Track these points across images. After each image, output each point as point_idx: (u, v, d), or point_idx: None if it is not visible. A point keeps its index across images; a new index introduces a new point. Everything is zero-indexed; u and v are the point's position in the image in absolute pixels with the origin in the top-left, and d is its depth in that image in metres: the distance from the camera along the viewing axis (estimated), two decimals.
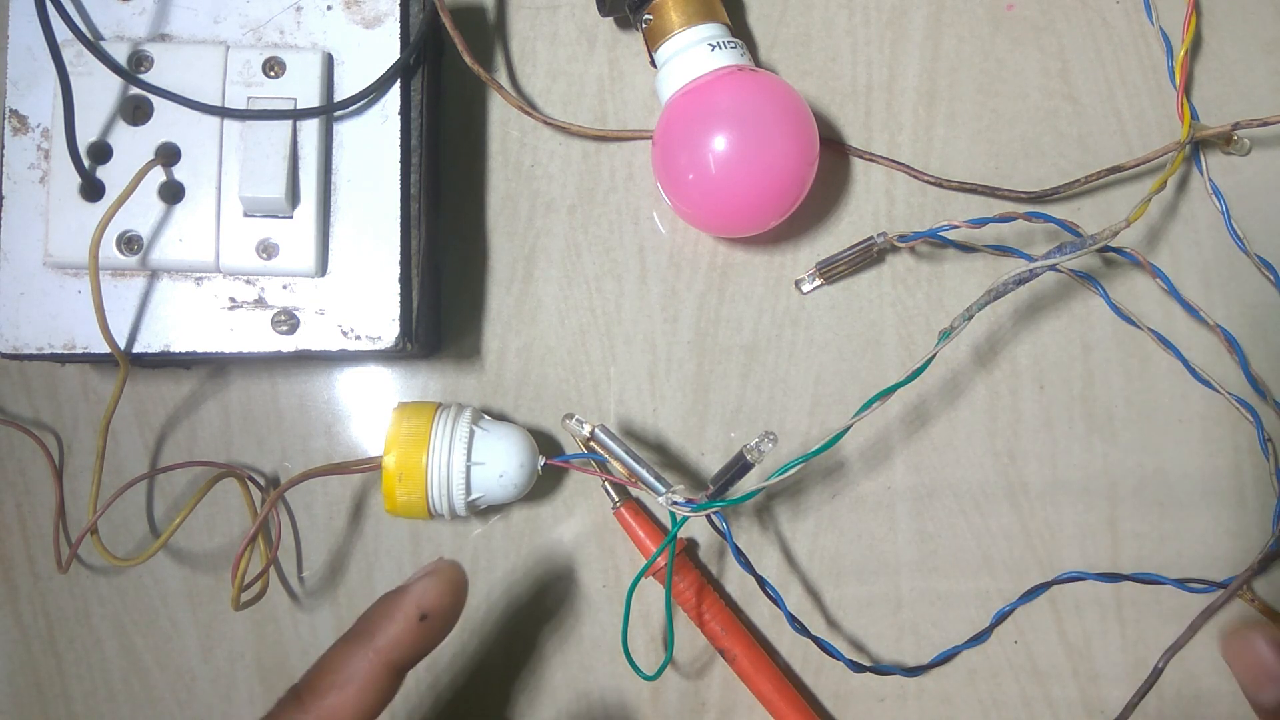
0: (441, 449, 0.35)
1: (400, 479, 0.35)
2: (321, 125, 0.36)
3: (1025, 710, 0.39)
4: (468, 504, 0.36)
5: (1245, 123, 0.38)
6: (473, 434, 0.36)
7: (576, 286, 0.41)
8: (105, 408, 0.35)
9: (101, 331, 0.34)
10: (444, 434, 0.35)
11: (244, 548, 0.34)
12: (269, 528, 0.40)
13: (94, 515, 0.36)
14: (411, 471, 0.35)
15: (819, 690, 0.39)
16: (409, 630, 0.29)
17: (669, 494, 0.33)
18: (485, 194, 0.41)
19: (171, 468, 0.40)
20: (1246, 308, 0.40)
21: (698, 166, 0.36)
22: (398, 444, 0.35)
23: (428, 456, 0.35)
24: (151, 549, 0.36)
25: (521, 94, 0.42)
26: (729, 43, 0.37)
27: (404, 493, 0.35)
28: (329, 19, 0.37)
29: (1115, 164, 0.39)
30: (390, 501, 0.35)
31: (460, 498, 0.35)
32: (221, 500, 0.41)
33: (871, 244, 0.39)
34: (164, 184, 0.35)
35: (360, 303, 0.36)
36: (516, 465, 0.36)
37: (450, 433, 0.35)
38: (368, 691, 0.28)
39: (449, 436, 0.35)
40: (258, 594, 0.37)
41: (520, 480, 0.36)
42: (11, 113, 0.36)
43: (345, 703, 0.28)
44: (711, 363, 0.40)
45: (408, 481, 0.35)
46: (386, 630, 0.29)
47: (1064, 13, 0.42)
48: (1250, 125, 0.38)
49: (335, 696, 0.28)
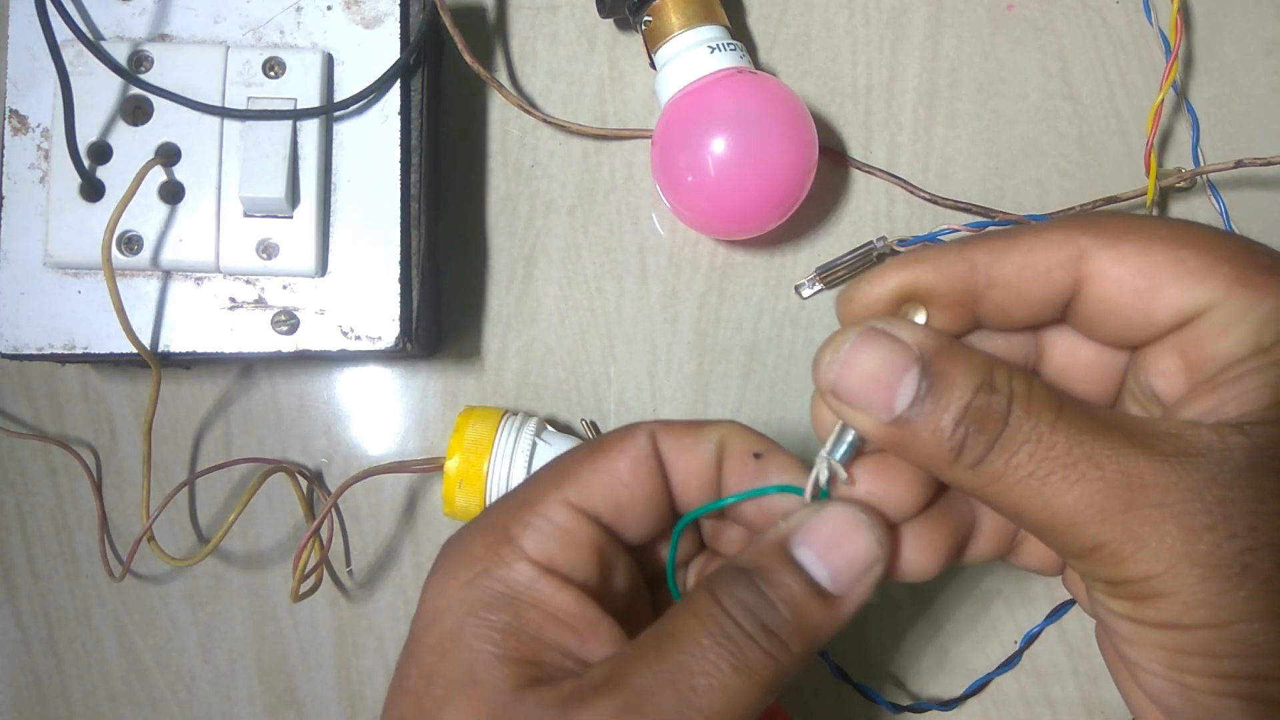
0: (504, 458, 0.36)
1: (461, 484, 0.36)
2: (321, 125, 0.36)
3: (1025, 710, 0.39)
4: None
5: (1250, 161, 0.38)
6: (535, 446, 0.36)
7: (576, 286, 0.41)
8: (143, 411, 0.36)
9: (125, 333, 0.34)
10: (507, 443, 0.36)
11: (306, 541, 0.36)
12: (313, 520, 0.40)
13: (147, 521, 0.37)
14: (473, 478, 0.36)
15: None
16: (743, 454, 0.26)
17: (829, 460, 0.26)
18: (485, 194, 0.41)
19: (217, 467, 0.40)
20: None
21: (697, 168, 0.36)
22: (462, 449, 0.36)
23: (489, 464, 0.36)
24: (207, 549, 0.37)
25: (521, 94, 0.42)
26: (729, 45, 0.37)
27: (463, 497, 0.36)
28: (329, 19, 0.37)
29: (1112, 194, 0.39)
30: (449, 505, 0.36)
31: None
32: (222, 500, 0.41)
33: (871, 249, 0.39)
34: (164, 184, 0.35)
35: (360, 303, 0.36)
36: None
37: (513, 442, 0.36)
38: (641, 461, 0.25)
39: (511, 446, 0.36)
40: (314, 586, 0.38)
41: None
42: (11, 113, 0.36)
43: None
44: (711, 363, 0.40)
45: (468, 487, 0.36)
46: (732, 431, 0.26)
47: (1064, 13, 0.42)
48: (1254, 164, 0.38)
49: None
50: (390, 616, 0.40)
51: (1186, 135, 0.41)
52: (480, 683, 0.23)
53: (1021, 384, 0.21)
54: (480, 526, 0.25)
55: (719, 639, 0.22)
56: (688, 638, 0.22)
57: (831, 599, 0.23)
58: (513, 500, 0.25)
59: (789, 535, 0.23)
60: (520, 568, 0.24)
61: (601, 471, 0.25)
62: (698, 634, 0.22)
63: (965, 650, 0.39)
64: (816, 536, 0.23)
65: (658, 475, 0.26)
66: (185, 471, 0.41)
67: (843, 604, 0.23)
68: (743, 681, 0.22)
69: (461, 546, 0.25)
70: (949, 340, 0.22)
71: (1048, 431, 0.20)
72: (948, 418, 0.21)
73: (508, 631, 0.23)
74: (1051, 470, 0.20)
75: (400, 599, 0.40)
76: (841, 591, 0.23)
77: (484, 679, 0.23)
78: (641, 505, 0.25)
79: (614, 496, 0.25)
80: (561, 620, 0.24)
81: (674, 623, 0.23)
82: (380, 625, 0.40)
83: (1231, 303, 0.20)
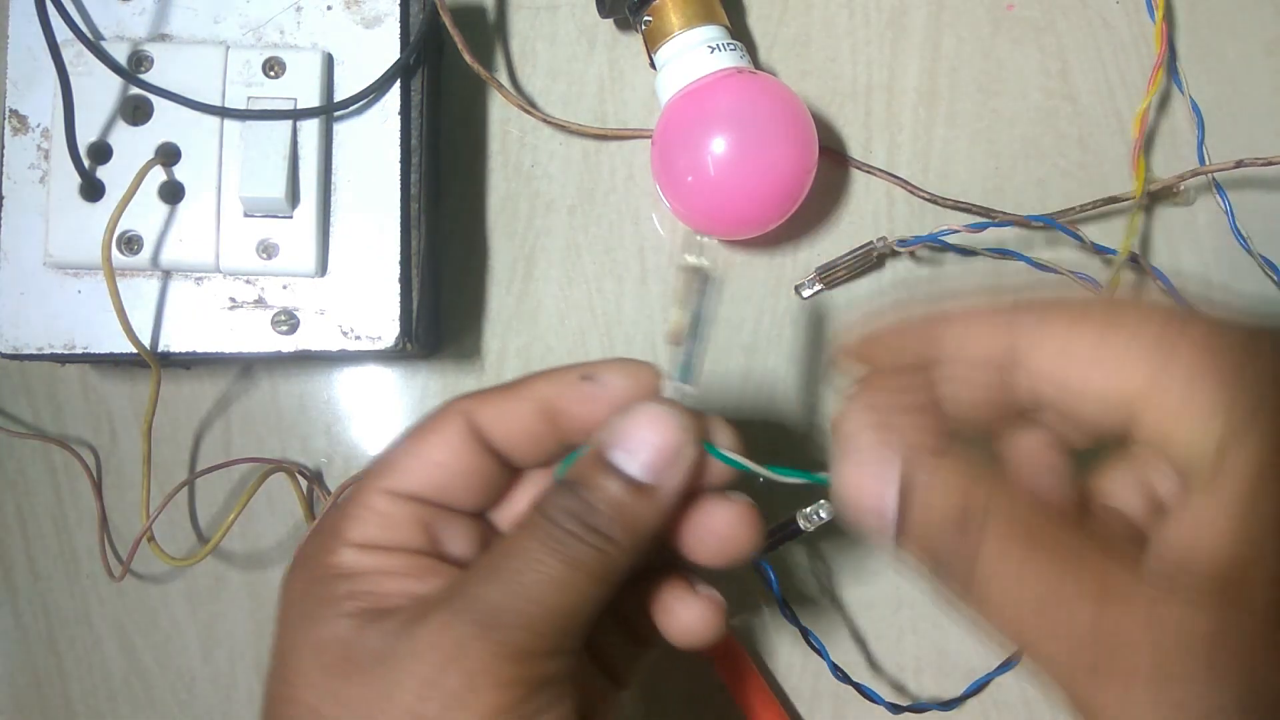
0: None
1: None
2: (321, 125, 0.36)
3: (1025, 710, 0.39)
4: None
5: (1250, 161, 0.38)
6: None
7: (576, 286, 0.41)
8: (143, 411, 0.36)
9: (125, 333, 0.34)
10: None
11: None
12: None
13: (147, 521, 0.37)
14: None
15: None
16: (571, 381, 0.27)
17: (677, 388, 0.27)
18: (485, 194, 0.41)
19: (217, 467, 0.40)
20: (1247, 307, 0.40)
21: (696, 169, 0.36)
22: None
23: None
24: (206, 548, 0.37)
25: (522, 94, 0.42)
26: (728, 45, 0.37)
27: None
28: (329, 19, 0.37)
29: (1112, 194, 0.39)
30: None
31: None
32: (220, 500, 0.41)
33: (871, 249, 0.39)
34: (164, 184, 0.35)
35: (360, 303, 0.36)
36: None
37: None
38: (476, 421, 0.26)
39: None
40: None
41: None
42: (11, 113, 0.36)
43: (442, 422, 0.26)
44: (711, 363, 0.40)
45: None
46: (551, 374, 0.27)
47: (1064, 13, 0.42)
48: (1255, 164, 0.38)
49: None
50: None
51: (1190, 134, 0.41)
52: (324, 638, 0.24)
53: (992, 516, 0.21)
54: (314, 532, 0.27)
55: (546, 543, 0.24)
56: (517, 548, 0.24)
57: (648, 489, 0.25)
58: (341, 505, 0.27)
59: (603, 443, 0.25)
60: (346, 552, 0.25)
61: (415, 456, 0.26)
62: (527, 543, 0.24)
63: (965, 650, 0.39)
64: (626, 436, 0.25)
65: (476, 447, 0.27)
66: (185, 471, 0.41)
67: (659, 492, 0.25)
68: (572, 573, 0.24)
69: (299, 553, 0.27)
70: (925, 458, 0.23)
71: (1015, 567, 0.21)
72: (919, 547, 0.22)
73: (346, 596, 0.25)
74: (1019, 611, 0.21)
75: None
76: (656, 480, 0.25)
77: (327, 634, 0.24)
78: (463, 478, 0.27)
79: (431, 477, 0.26)
80: (398, 574, 0.25)
81: (507, 542, 0.24)
82: None
83: (1164, 394, 0.20)
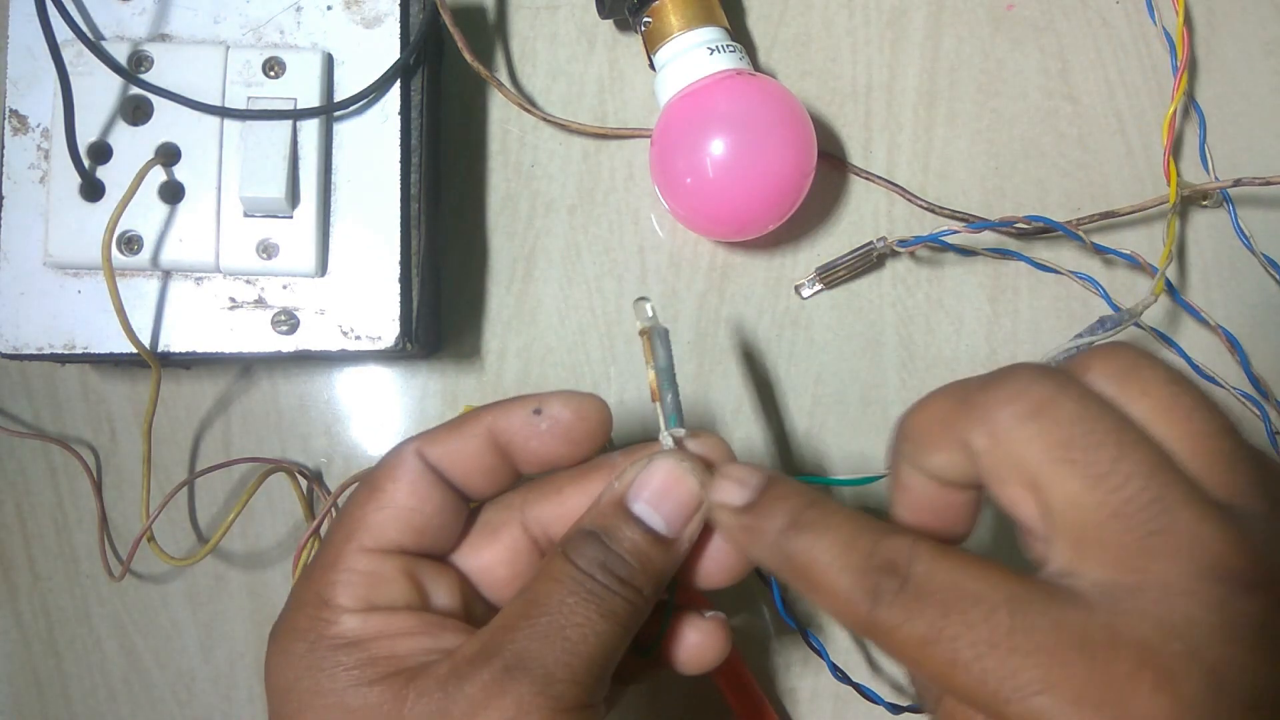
0: None
1: None
2: (321, 125, 0.36)
3: None
4: None
5: (1248, 180, 0.38)
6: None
7: (576, 286, 0.41)
8: (143, 411, 0.36)
9: (125, 333, 0.34)
10: None
11: (305, 541, 0.36)
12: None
13: (147, 521, 0.37)
14: None
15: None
16: (519, 416, 0.27)
17: (670, 436, 0.28)
18: (485, 194, 0.41)
19: (217, 467, 0.40)
20: (1247, 307, 0.40)
21: (695, 171, 0.36)
22: None
23: None
24: (206, 548, 0.37)
25: (522, 93, 0.42)
26: (728, 46, 0.37)
27: None
28: (329, 19, 0.37)
29: (1110, 209, 0.39)
30: None
31: None
32: (222, 500, 0.41)
33: (871, 249, 0.39)
34: (164, 184, 0.35)
35: (360, 303, 0.36)
36: None
37: None
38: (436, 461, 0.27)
39: None
40: None
41: None
42: (11, 113, 0.36)
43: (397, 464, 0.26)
44: (711, 363, 0.40)
45: None
46: (499, 408, 0.27)
47: (1064, 13, 0.42)
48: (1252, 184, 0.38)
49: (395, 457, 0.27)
50: None
51: (1191, 136, 0.41)
52: (353, 707, 0.24)
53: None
54: (296, 603, 0.26)
55: (582, 595, 0.24)
56: (552, 600, 0.24)
57: (668, 541, 0.26)
58: (316, 568, 0.26)
59: (623, 492, 0.26)
60: (346, 619, 0.25)
61: (385, 508, 0.26)
62: (562, 595, 0.24)
63: None
64: (647, 489, 0.26)
65: (438, 485, 0.27)
66: (185, 471, 0.41)
67: (678, 544, 0.26)
68: (609, 625, 0.24)
69: (286, 628, 0.26)
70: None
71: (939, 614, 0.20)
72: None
73: (364, 664, 0.24)
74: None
75: None
76: (675, 534, 0.26)
77: (356, 704, 0.24)
78: (435, 518, 0.27)
79: (405, 523, 0.26)
80: (408, 633, 0.25)
81: (535, 591, 0.25)
82: None
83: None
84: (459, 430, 0.27)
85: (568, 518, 0.27)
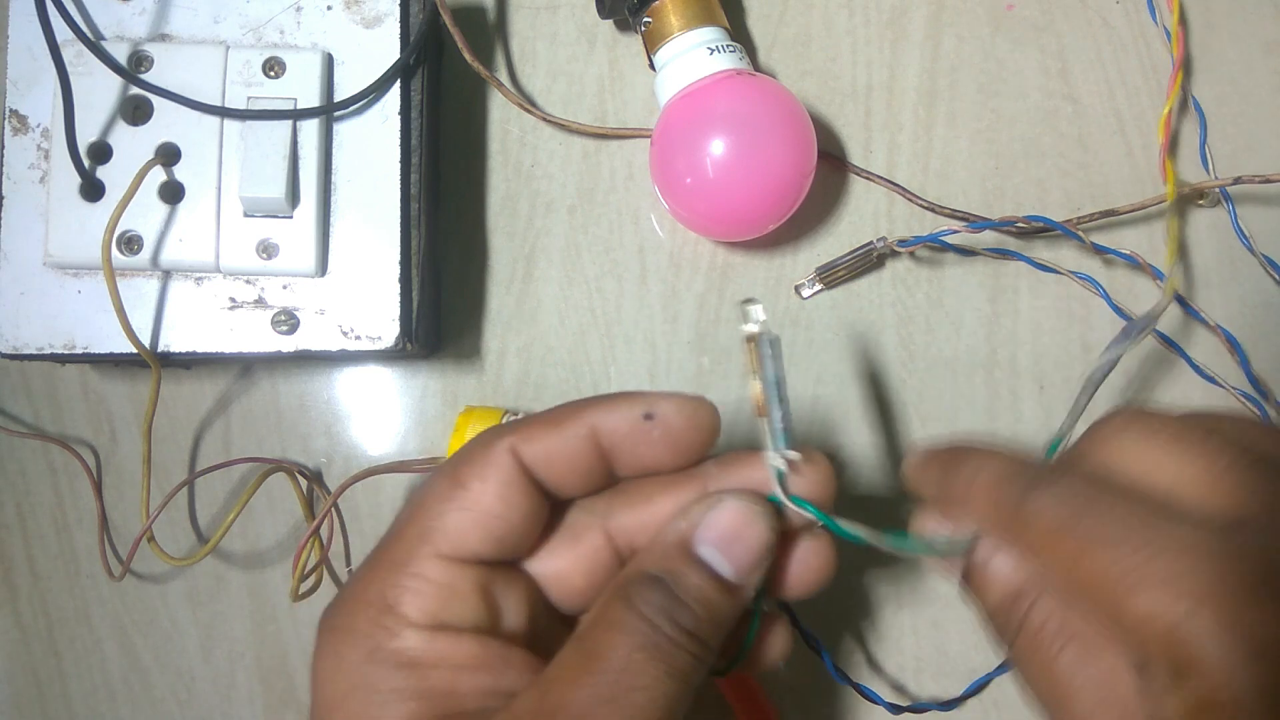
0: None
1: None
2: (321, 125, 0.36)
3: (1025, 711, 0.39)
4: None
5: (1247, 178, 0.38)
6: None
7: (576, 286, 0.41)
8: (143, 411, 0.36)
9: (125, 333, 0.34)
10: None
11: (305, 541, 0.36)
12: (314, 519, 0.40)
13: (147, 521, 0.37)
14: None
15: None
16: (628, 418, 0.25)
17: (776, 460, 0.26)
18: (485, 194, 0.41)
19: (217, 467, 0.40)
20: (1247, 307, 0.40)
21: (695, 171, 0.36)
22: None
23: None
24: (206, 548, 0.37)
25: (522, 93, 0.42)
26: (728, 46, 0.37)
27: None
28: (329, 19, 0.37)
29: (1110, 207, 0.39)
30: None
31: None
32: (222, 500, 0.41)
33: (871, 249, 0.39)
34: (164, 184, 0.35)
35: (360, 303, 0.36)
36: None
37: None
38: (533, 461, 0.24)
39: None
40: (314, 585, 0.38)
41: None
42: (11, 113, 0.36)
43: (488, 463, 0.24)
44: (711, 363, 0.40)
45: None
46: (605, 405, 0.25)
47: (1064, 13, 0.42)
48: (1252, 181, 0.38)
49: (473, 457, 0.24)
50: None
51: (1191, 136, 0.41)
52: None
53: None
54: (356, 600, 0.24)
55: (649, 651, 0.22)
56: (615, 653, 0.22)
57: (735, 589, 0.24)
58: (383, 563, 0.24)
59: (689, 534, 0.24)
60: (409, 635, 0.23)
61: (469, 511, 0.24)
62: (627, 648, 0.22)
63: (965, 650, 0.39)
64: (714, 532, 0.24)
65: (529, 489, 0.25)
66: (185, 471, 0.41)
67: (744, 591, 0.24)
68: (676, 685, 0.22)
69: (344, 625, 0.24)
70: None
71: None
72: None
73: (418, 696, 0.22)
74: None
75: None
76: (742, 581, 0.24)
77: None
78: (519, 528, 0.25)
79: (489, 531, 0.24)
80: (472, 666, 0.23)
81: (595, 640, 0.23)
82: None
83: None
84: (558, 427, 0.25)
85: (656, 528, 0.25)
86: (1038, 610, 0.23)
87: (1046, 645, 0.22)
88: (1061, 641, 0.22)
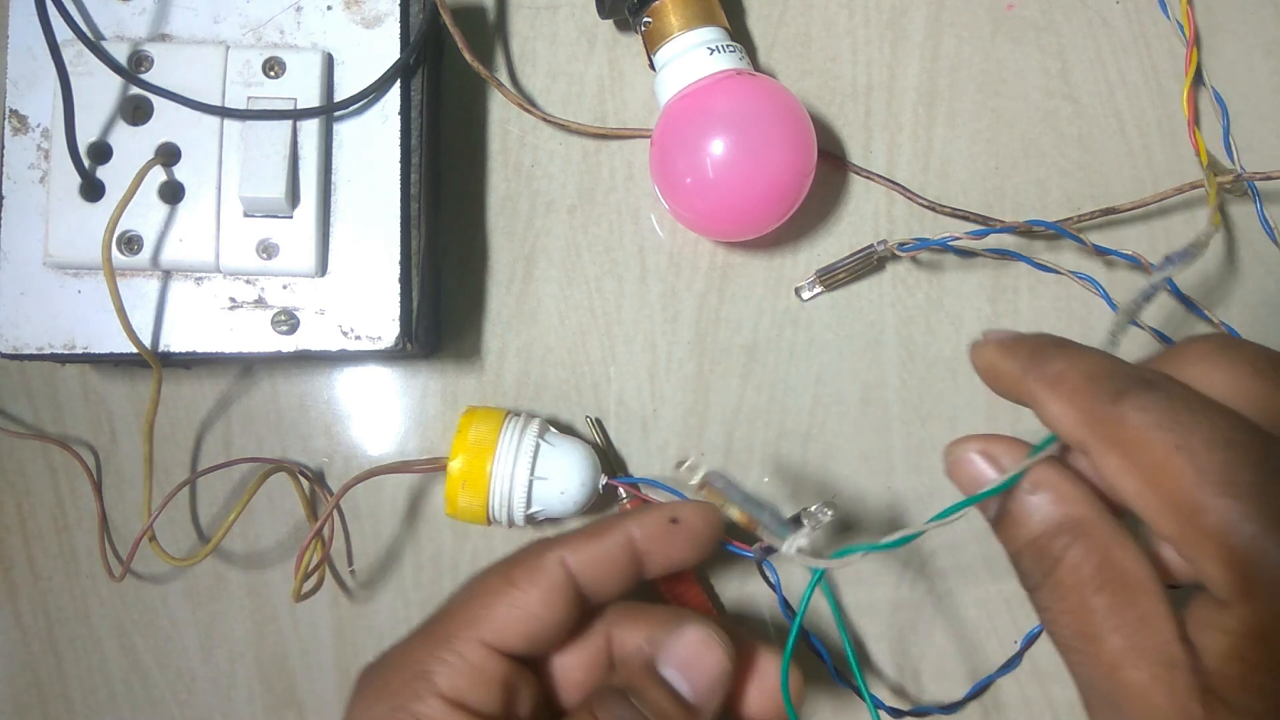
0: (507, 459, 0.35)
1: (464, 485, 0.35)
2: (321, 125, 0.36)
3: (1026, 712, 0.39)
4: (526, 516, 0.36)
5: (1249, 175, 0.38)
6: (538, 448, 0.36)
7: (576, 286, 0.41)
8: (144, 411, 0.37)
9: (126, 333, 0.34)
10: (510, 444, 0.36)
11: (309, 541, 0.36)
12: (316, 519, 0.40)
13: (147, 521, 0.37)
14: (476, 479, 0.35)
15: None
16: (657, 524, 0.29)
17: (795, 541, 0.28)
18: (485, 194, 0.41)
19: (217, 467, 0.40)
20: (1248, 307, 0.40)
21: (695, 171, 0.36)
22: (465, 449, 0.35)
23: (493, 465, 0.35)
24: (207, 548, 0.37)
25: (522, 93, 0.42)
26: (728, 46, 0.37)
27: (466, 499, 0.35)
28: (329, 19, 0.37)
29: (1110, 205, 0.39)
30: (451, 505, 0.36)
31: (520, 510, 0.36)
32: (222, 500, 0.41)
33: (872, 252, 0.39)
34: (164, 184, 0.35)
35: (360, 303, 0.36)
36: (578, 483, 0.36)
37: (516, 444, 0.36)
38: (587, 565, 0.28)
39: (515, 448, 0.36)
40: (315, 585, 0.38)
41: (580, 498, 0.36)
42: (11, 113, 0.36)
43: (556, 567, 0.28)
44: (711, 363, 0.40)
45: (471, 489, 0.35)
46: (637, 517, 0.29)
47: (1064, 13, 0.42)
48: (1254, 178, 0.38)
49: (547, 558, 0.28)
50: (391, 617, 0.40)
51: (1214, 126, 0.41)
52: None
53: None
54: (398, 661, 0.27)
55: None
56: None
57: (693, 709, 0.27)
58: (431, 636, 0.27)
59: (653, 655, 0.27)
60: (432, 702, 0.26)
61: (517, 608, 0.27)
62: None
63: (966, 652, 0.39)
64: (676, 656, 0.27)
65: (571, 597, 0.28)
66: (185, 471, 0.41)
67: (702, 712, 0.27)
68: None
69: (381, 679, 0.27)
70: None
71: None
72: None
73: None
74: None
75: (401, 600, 0.40)
76: (700, 703, 0.27)
77: None
78: (553, 630, 0.28)
79: (528, 631, 0.27)
80: None
81: None
82: (380, 626, 0.40)
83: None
84: (601, 538, 0.29)
85: (637, 646, 0.28)
86: (1075, 550, 0.23)
87: (1082, 585, 0.22)
88: (1098, 583, 0.22)
